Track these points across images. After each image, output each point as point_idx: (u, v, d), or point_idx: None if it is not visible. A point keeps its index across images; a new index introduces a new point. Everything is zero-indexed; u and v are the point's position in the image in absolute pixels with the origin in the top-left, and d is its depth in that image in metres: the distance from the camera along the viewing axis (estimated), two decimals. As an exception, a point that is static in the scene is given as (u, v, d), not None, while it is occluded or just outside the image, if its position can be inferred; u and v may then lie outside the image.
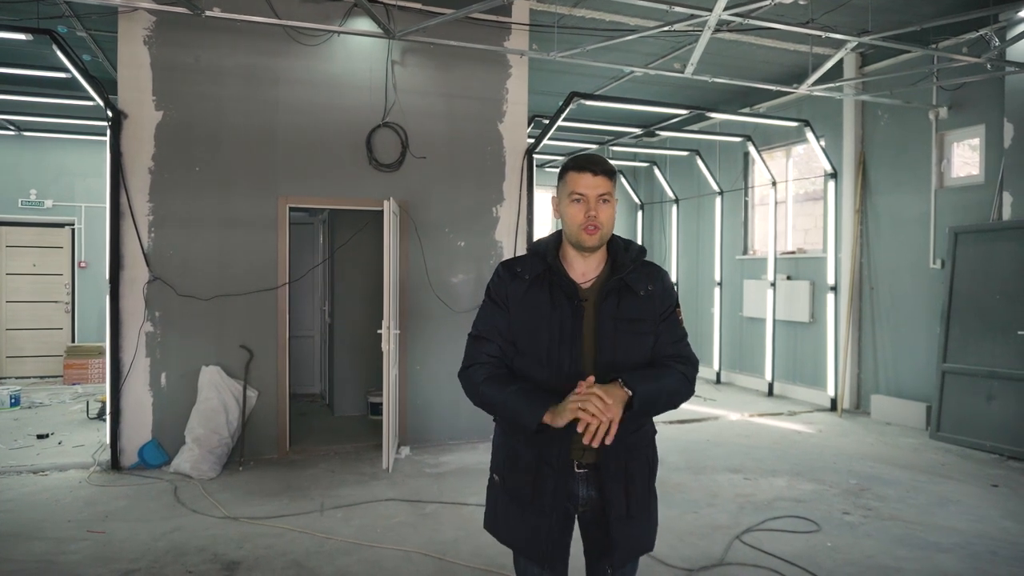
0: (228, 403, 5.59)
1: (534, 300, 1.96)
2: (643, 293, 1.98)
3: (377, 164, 6.16)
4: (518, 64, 6.60)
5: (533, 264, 2.01)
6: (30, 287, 9.96)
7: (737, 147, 9.67)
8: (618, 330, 1.93)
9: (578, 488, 1.98)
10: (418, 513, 4.59)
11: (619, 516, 1.96)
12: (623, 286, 1.97)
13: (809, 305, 8.55)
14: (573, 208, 1.94)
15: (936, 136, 7.19)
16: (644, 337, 1.97)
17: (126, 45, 5.53)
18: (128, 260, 5.55)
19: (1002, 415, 6.13)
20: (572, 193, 1.94)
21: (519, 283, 1.99)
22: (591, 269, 2.00)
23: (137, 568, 3.71)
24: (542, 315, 1.94)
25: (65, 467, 5.51)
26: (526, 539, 2.00)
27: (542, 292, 1.96)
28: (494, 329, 2.02)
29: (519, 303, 1.98)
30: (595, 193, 1.92)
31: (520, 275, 2.00)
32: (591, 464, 1.97)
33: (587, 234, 1.93)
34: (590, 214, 1.92)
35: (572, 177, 1.95)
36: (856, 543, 4.13)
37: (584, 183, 1.93)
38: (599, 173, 1.93)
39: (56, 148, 9.79)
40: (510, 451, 2.04)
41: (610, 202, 1.95)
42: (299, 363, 8.42)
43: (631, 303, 1.96)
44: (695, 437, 6.76)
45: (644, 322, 1.97)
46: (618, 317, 1.94)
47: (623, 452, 1.97)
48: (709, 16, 5.08)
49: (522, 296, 1.98)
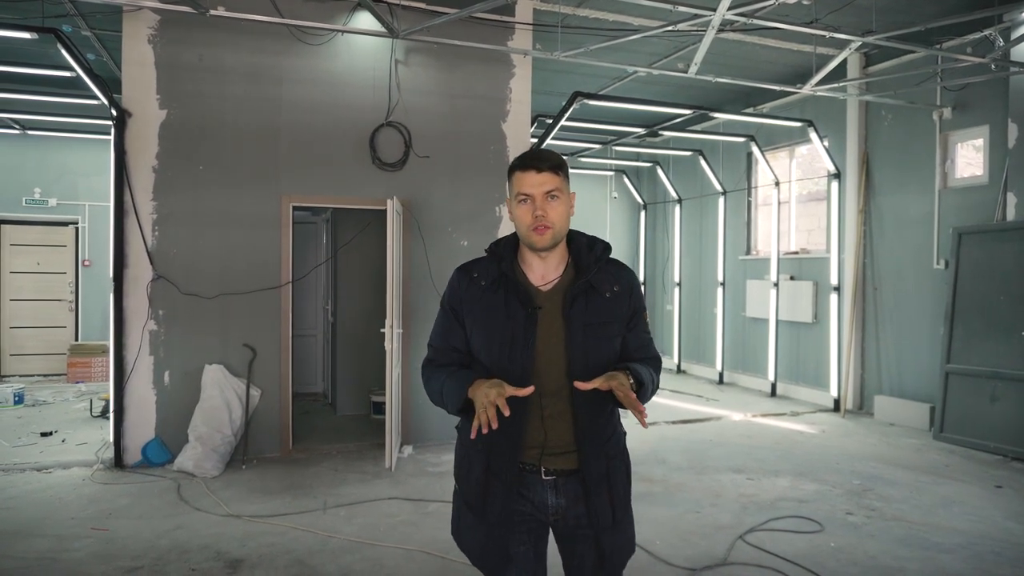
0: (231, 401, 5.60)
1: (490, 306, 1.88)
2: (609, 294, 1.90)
3: (380, 163, 6.17)
4: (522, 64, 6.60)
5: (489, 268, 1.92)
6: (34, 285, 9.99)
7: (740, 147, 9.66)
8: (587, 335, 1.85)
9: (547, 496, 1.90)
10: (420, 512, 4.59)
11: (606, 526, 1.90)
12: (588, 288, 1.88)
13: (812, 305, 8.54)
14: (520, 209, 1.85)
15: (940, 136, 7.18)
16: (612, 340, 1.90)
17: (130, 44, 5.55)
18: (132, 259, 5.57)
19: (1006, 416, 6.12)
20: (518, 194, 1.85)
21: (475, 289, 1.91)
22: (551, 270, 1.91)
23: (140, 566, 3.72)
24: (496, 322, 1.86)
25: (68, 465, 5.53)
26: (476, 550, 1.95)
27: (497, 297, 1.88)
28: (446, 343, 1.97)
29: (475, 310, 1.91)
30: (541, 191, 1.83)
31: (476, 280, 1.92)
32: (562, 471, 1.89)
33: (537, 235, 1.83)
34: (537, 214, 1.82)
35: (517, 177, 1.86)
36: (859, 543, 4.12)
37: (528, 182, 1.84)
38: (544, 169, 1.83)
39: (60, 147, 9.80)
40: (464, 459, 1.98)
41: (560, 198, 1.85)
42: (302, 362, 8.43)
43: (597, 305, 1.88)
44: (697, 437, 6.76)
45: (611, 324, 1.90)
46: (587, 322, 1.86)
47: (603, 459, 1.91)
48: (713, 16, 5.08)
49: (478, 302, 1.90)
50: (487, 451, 1.89)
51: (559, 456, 1.89)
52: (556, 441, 1.88)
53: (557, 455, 1.89)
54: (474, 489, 1.92)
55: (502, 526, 1.88)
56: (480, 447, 1.90)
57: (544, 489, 1.91)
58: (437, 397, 1.94)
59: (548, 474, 1.90)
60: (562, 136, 9.36)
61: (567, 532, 1.95)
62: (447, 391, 1.88)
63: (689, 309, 11.16)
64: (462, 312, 1.94)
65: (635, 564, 3.73)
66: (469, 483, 1.95)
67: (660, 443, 6.48)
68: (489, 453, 1.89)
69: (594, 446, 1.89)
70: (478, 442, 1.87)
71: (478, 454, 1.92)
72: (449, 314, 1.97)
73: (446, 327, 1.98)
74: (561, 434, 1.88)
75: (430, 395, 1.98)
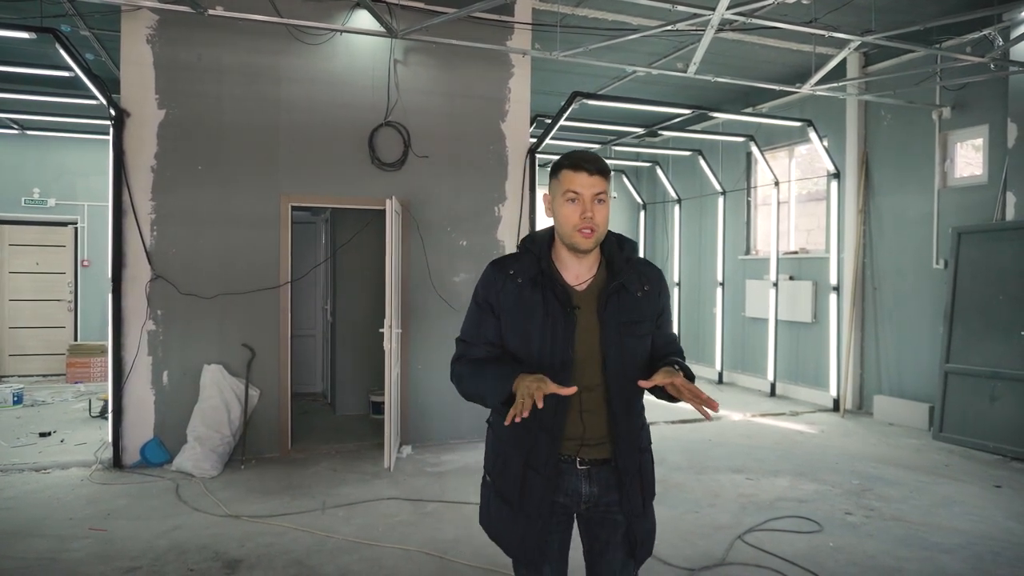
0: (230, 402, 5.60)
1: (527, 303, 1.90)
2: (640, 294, 1.94)
3: (379, 163, 6.16)
4: (520, 63, 6.59)
5: (527, 265, 1.94)
6: (33, 285, 9.98)
7: (740, 147, 9.66)
8: (622, 333, 1.90)
9: (581, 485, 1.95)
10: (419, 512, 4.59)
11: (638, 514, 1.97)
12: (620, 287, 1.92)
13: (812, 305, 8.54)
14: (567, 208, 1.86)
15: (939, 136, 7.18)
16: (644, 338, 1.95)
17: (129, 44, 5.54)
18: (130, 259, 5.56)
19: (1005, 416, 6.12)
20: (567, 192, 1.86)
21: (511, 284, 1.92)
22: (585, 270, 1.95)
23: (138, 566, 3.71)
24: (534, 321, 1.88)
25: (67, 465, 5.52)
26: (515, 542, 1.98)
27: (535, 296, 1.90)
28: (480, 336, 1.98)
29: (511, 306, 1.92)
30: (591, 192, 1.85)
31: (513, 277, 1.93)
32: (596, 460, 1.94)
33: (582, 236, 1.86)
34: (586, 215, 1.84)
35: (567, 175, 1.87)
36: (858, 543, 4.12)
37: (579, 182, 1.85)
38: (595, 172, 1.85)
39: (59, 147, 9.79)
40: (500, 453, 2.00)
41: (605, 202, 1.88)
42: (301, 362, 8.42)
43: (630, 304, 1.92)
44: (697, 437, 6.75)
45: (643, 323, 1.94)
46: (621, 321, 1.90)
47: (636, 451, 1.98)
48: (712, 15, 5.07)
49: (515, 299, 1.92)
50: (526, 446, 1.92)
51: (594, 447, 1.94)
52: (593, 433, 1.93)
53: (592, 446, 1.94)
54: (512, 484, 1.95)
55: (541, 519, 1.92)
56: (518, 442, 1.93)
57: (578, 479, 1.95)
58: (473, 390, 1.95)
59: (583, 464, 1.94)
60: (561, 136, 9.35)
61: (596, 518, 2.00)
62: (490, 384, 1.87)
63: (688, 309, 11.15)
64: (498, 307, 1.95)
65: (634, 564, 3.73)
66: (506, 478, 1.97)
67: (659, 443, 6.43)
68: (529, 448, 1.92)
69: (628, 438, 1.95)
70: (516, 438, 1.92)
71: (514, 449, 1.95)
72: (484, 308, 1.97)
73: (480, 321, 1.98)
74: (597, 427, 1.93)
75: (464, 389, 1.98)
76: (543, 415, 1.84)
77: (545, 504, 1.91)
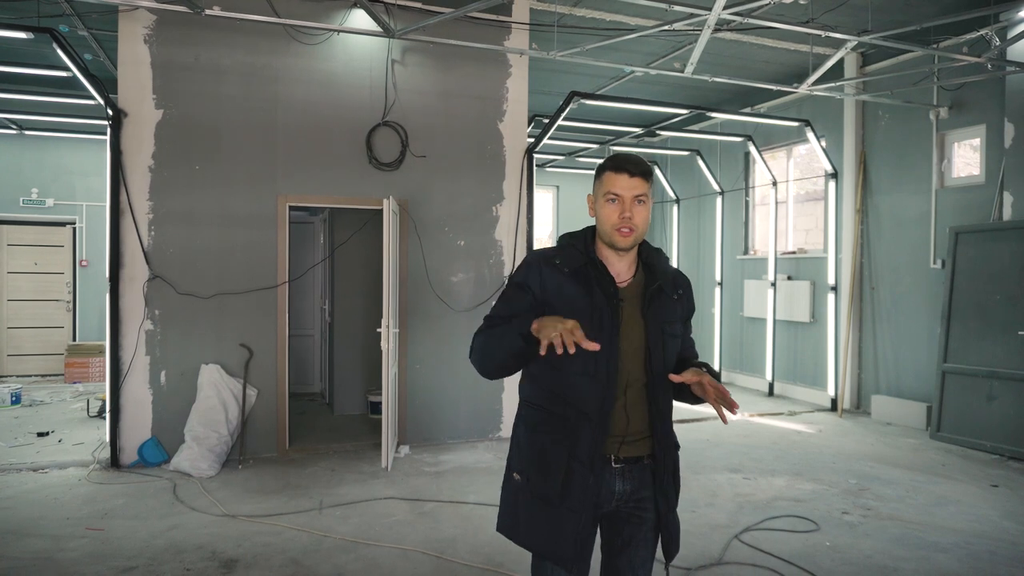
0: (228, 401, 5.60)
1: (569, 293, 1.93)
2: (675, 297, 2.04)
3: (377, 163, 6.16)
4: (518, 63, 6.60)
5: (572, 256, 1.97)
6: (31, 285, 9.98)
7: (738, 147, 9.67)
8: (664, 334, 1.97)
9: (615, 483, 1.96)
10: (417, 512, 4.59)
11: (670, 508, 2.02)
12: (659, 290, 2.00)
13: (810, 305, 8.54)
14: (608, 208, 1.93)
15: (937, 136, 7.18)
16: (677, 339, 2.03)
17: (126, 44, 5.54)
18: (128, 258, 5.56)
19: (1002, 415, 6.12)
20: (608, 193, 1.93)
21: (555, 273, 1.95)
22: (625, 269, 2.00)
23: (135, 566, 3.71)
24: (579, 310, 1.89)
25: (65, 465, 5.52)
26: (551, 541, 1.91)
27: (580, 286, 1.92)
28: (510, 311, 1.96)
29: (553, 293, 1.94)
30: (631, 194, 1.91)
31: (559, 266, 1.95)
32: (631, 458, 1.97)
33: (621, 235, 1.92)
34: (625, 215, 1.91)
35: (609, 177, 1.94)
36: (855, 543, 4.12)
37: (620, 184, 1.92)
38: (636, 174, 1.92)
39: (57, 147, 9.80)
40: (538, 449, 1.96)
41: (646, 203, 1.94)
42: (299, 362, 8.42)
43: (668, 307, 2.01)
44: (694, 436, 6.75)
45: (676, 324, 2.03)
46: (661, 320, 1.98)
47: (673, 448, 2.03)
48: (709, 15, 5.08)
49: (557, 286, 1.94)
50: (571, 440, 1.91)
51: (631, 444, 1.97)
52: (634, 428, 1.96)
53: (630, 443, 1.97)
54: (554, 479, 1.90)
55: (586, 514, 1.91)
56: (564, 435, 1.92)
57: (613, 476, 1.96)
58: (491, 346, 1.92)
59: (618, 462, 1.96)
60: (559, 136, 9.37)
61: (623, 515, 2.02)
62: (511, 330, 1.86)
63: (687, 309, 11.13)
64: (538, 290, 1.95)
65: (630, 563, 3.74)
66: (546, 474, 1.92)
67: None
68: (574, 442, 1.91)
69: (667, 435, 2.00)
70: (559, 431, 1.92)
71: (557, 443, 1.92)
72: (523, 288, 1.97)
73: (513, 300, 1.98)
74: (638, 422, 1.97)
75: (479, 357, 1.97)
76: (590, 407, 1.89)
77: (590, 498, 1.90)
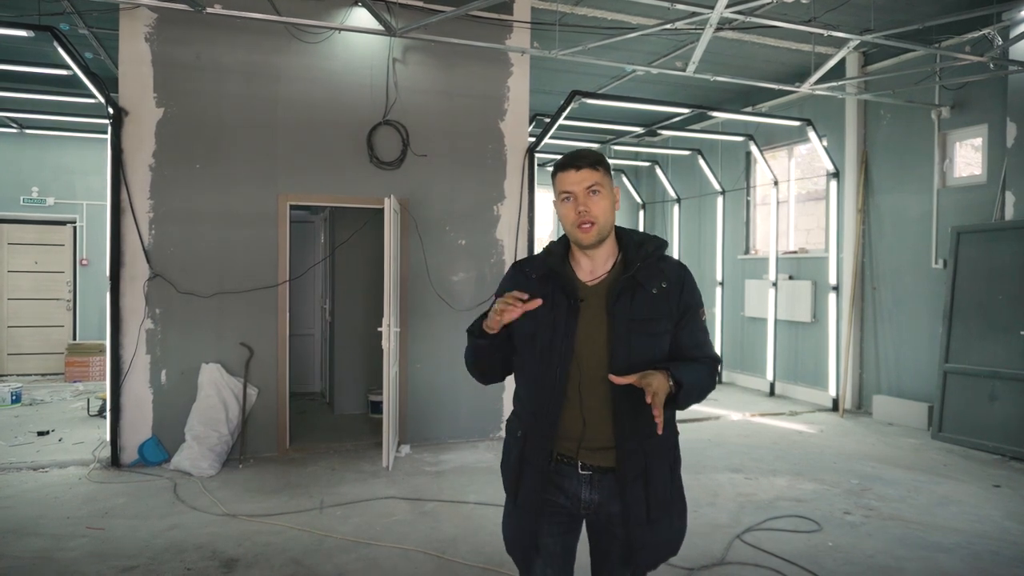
0: (228, 401, 5.59)
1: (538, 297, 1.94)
2: (656, 291, 1.90)
3: (378, 162, 6.15)
4: (519, 62, 6.59)
5: (541, 263, 1.99)
6: (32, 284, 9.97)
7: (739, 146, 9.65)
8: (631, 331, 1.87)
9: (581, 490, 1.93)
10: (417, 511, 4.58)
11: (639, 521, 1.90)
12: (635, 284, 1.90)
13: (811, 305, 8.53)
14: (565, 208, 1.92)
15: (938, 136, 7.17)
16: (659, 337, 1.90)
17: (127, 42, 5.53)
18: (129, 257, 5.55)
19: (1004, 415, 6.11)
20: (561, 193, 1.92)
21: (527, 282, 1.97)
22: (599, 266, 1.96)
23: (136, 565, 3.70)
24: (541, 312, 1.88)
25: (65, 464, 5.51)
26: (510, 536, 2.03)
27: (544, 291, 1.92)
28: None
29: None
30: (582, 188, 1.88)
31: (528, 273, 1.99)
32: (600, 467, 1.91)
33: (582, 232, 1.89)
34: (580, 209, 1.88)
35: (559, 178, 1.93)
36: (857, 543, 4.11)
37: (570, 180, 1.90)
38: (583, 167, 1.89)
39: (58, 146, 9.79)
40: (507, 447, 2.07)
41: (602, 192, 1.89)
42: (299, 361, 8.41)
43: (643, 302, 1.89)
44: (696, 437, 6.75)
45: (658, 321, 1.89)
46: (631, 318, 1.87)
47: (642, 456, 1.91)
48: (711, 14, 5.07)
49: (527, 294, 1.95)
50: (523, 438, 1.96)
51: (597, 452, 1.91)
52: (595, 435, 1.90)
53: (595, 450, 1.91)
54: (510, 476, 2.01)
55: (532, 513, 1.93)
56: (519, 434, 1.98)
57: (579, 483, 1.93)
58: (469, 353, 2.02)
59: (584, 468, 1.92)
60: (560, 135, 9.35)
61: (599, 526, 2.00)
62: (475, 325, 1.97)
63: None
64: None
65: (632, 563, 3.73)
66: (506, 470, 2.04)
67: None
68: (525, 440, 1.96)
69: (633, 443, 1.89)
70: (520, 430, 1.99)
71: (515, 441, 2.00)
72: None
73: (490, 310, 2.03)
74: (601, 429, 1.89)
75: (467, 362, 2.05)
76: (540, 407, 1.90)
77: (538, 499, 1.92)
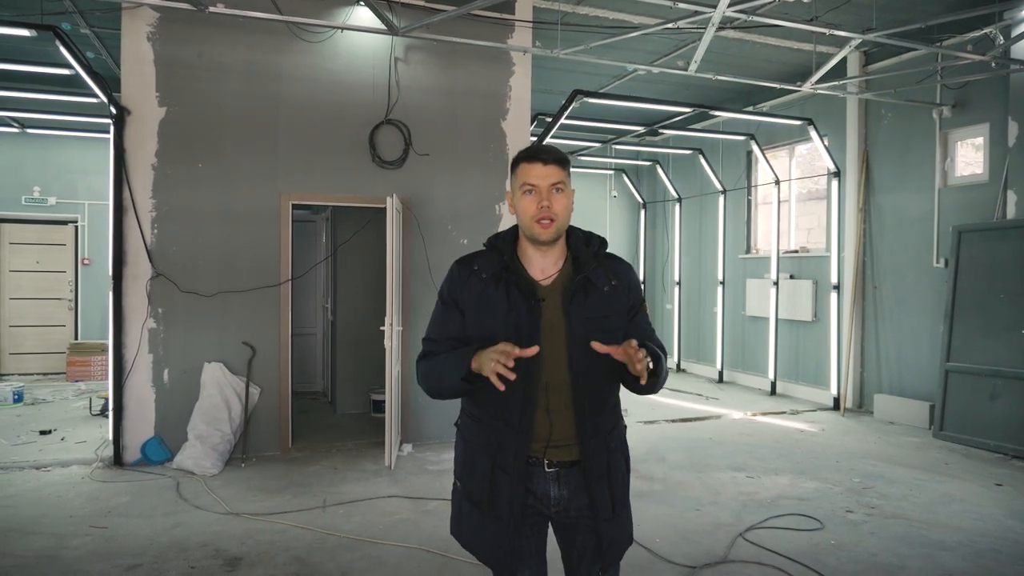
0: (230, 400, 5.60)
1: (491, 299, 1.88)
2: (607, 288, 1.90)
3: (380, 161, 6.16)
4: (521, 61, 6.59)
5: (490, 261, 1.92)
6: (33, 284, 9.97)
7: (740, 146, 9.66)
8: (588, 329, 1.84)
9: (549, 488, 1.92)
10: (420, 510, 4.59)
11: (606, 518, 1.91)
12: (587, 283, 1.89)
13: (812, 304, 8.53)
14: (525, 200, 1.86)
15: (940, 135, 7.17)
16: (614, 333, 1.88)
17: (129, 41, 5.53)
18: (131, 257, 5.56)
19: (1006, 414, 6.11)
20: (524, 184, 1.86)
21: (475, 281, 1.91)
22: (550, 264, 1.92)
23: (139, 564, 3.71)
24: (499, 315, 1.86)
25: (67, 463, 5.52)
26: (486, 546, 1.96)
27: (499, 291, 1.87)
28: (444, 334, 1.96)
29: (475, 302, 1.90)
30: (547, 183, 1.84)
31: (477, 273, 1.91)
32: (564, 462, 1.91)
33: (541, 227, 1.84)
34: (543, 204, 1.83)
35: (523, 168, 1.87)
36: (859, 541, 4.12)
37: (535, 173, 1.85)
38: (550, 162, 1.85)
39: (59, 145, 9.78)
40: (468, 455, 1.98)
41: (564, 191, 1.86)
42: (301, 360, 8.42)
43: (596, 300, 1.89)
44: (697, 435, 6.75)
45: (610, 318, 1.90)
46: (586, 316, 1.86)
47: (605, 452, 1.93)
48: (713, 13, 5.07)
49: (478, 295, 1.90)
50: (494, 447, 1.90)
51: (562, 448, 1.90)
52: (560, 434, 1.90)
53: (560, 447, 1.90)
54: (480, 486, 1.92)
55: (514, 520, 1.89)
56: (487, 443, 1.91)
57: (547, 481, 1.92)
58: (435, 382, 1.94)
59: (551, 466, 1.91)
60: (562, 134, 9.35)
61: (568, 523, 1.97)
62: (447, 368, 1.87)
63: (689, 308, 11.15)
64: (462, 303, 1.93)
65: (635, 562, 3.73)
66: (474, 480, 1.95)
67: (660, 441, 6.48)
68: (496, 449, 1.89)
69: (596, 439, 1.91)
70: (485, 438, 1.91)
71: (482, 450, 1.93)
72: (449, 305, 1.96)
73: (445, 319, 1.97)
74: (565, 427, 1.90)
75: (426, 385, 1.98)
76: (510, 413, 1.85)
77: (516, 505, 1.88)
